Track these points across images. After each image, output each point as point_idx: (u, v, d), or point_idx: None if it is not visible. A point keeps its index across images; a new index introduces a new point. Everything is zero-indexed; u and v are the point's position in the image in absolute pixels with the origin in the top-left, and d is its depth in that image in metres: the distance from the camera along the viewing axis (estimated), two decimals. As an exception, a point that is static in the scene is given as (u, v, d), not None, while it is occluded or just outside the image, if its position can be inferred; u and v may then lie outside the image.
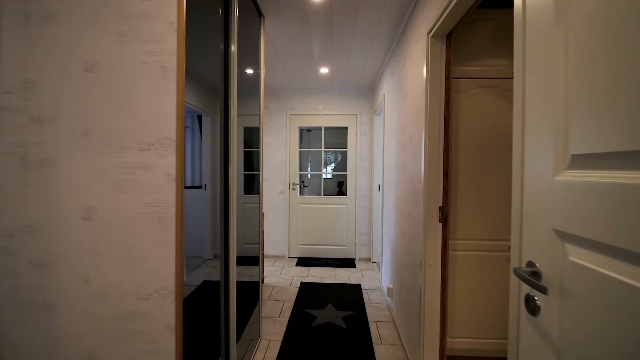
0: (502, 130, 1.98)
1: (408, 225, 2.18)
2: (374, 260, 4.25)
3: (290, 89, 4.38)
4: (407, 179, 2.24)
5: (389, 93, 3.08)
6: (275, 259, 4.39)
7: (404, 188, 2.32)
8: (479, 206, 1.99)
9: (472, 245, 2.00)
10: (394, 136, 2.77)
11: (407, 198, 2.23)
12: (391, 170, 2.90)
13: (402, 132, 2.40)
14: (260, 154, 2.40)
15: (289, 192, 4.42)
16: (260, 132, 2.39)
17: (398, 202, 2.53)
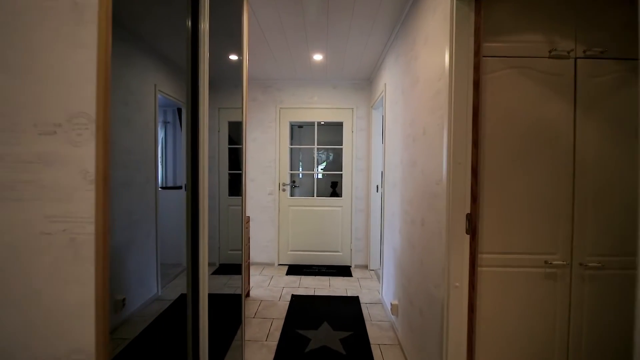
0: (538, 122, 1.64)
1: (421, 235, 1.82)
2: (372, 267, 3.89)
3: (281, 79, 3.98)
4: (419, 179, 1.88)
5: (391, 82, 2.72)
6: (263, 266, 3.99)
7: (415, 190, 1.96)
8: (508, 213, 1.64)
9: (500, 260, 1.65)
10: (399, 130, 2.41)
11: (419, 202, 1.87)
12: (395, 169, 2.54)
13: (412, 124, 2.04)
14: (243, 151, 2.01)
15: (278, 193, 4.03)
16: (243, 126, 1.99)
17: (406, 205, 2.17)
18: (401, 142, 2.34)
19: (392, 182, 2.64)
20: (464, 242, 1.42)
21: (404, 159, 2.25)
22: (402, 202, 2.28)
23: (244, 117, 1.98)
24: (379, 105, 3.68)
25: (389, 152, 2.83)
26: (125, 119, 1.09)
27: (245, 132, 1.97)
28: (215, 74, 1.98)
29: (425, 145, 1.77)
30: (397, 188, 2.44)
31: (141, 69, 1.23)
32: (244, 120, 1.97)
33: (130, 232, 1.13)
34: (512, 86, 1.65)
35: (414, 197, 1.96)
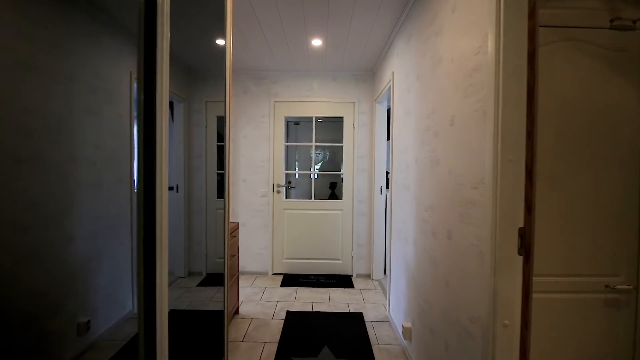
0: (595, 109, 1.29)
1: (447, 251, 1.46)
2: (375, 277, 3.54)
3: (275, 70, 3.61)
4: (444, 181, 1.52)
5: (402, 69, 2.37)
6: (255, 276, 3.62)
7: (438, 194, 1.60)
8: (564, 225, 1.29)
9: (549, 285, 1.30)
10: (412, 123, 2.06)
11: (444, 209, 1.52)
12: (407, 169, 2.19)
13: (433, 114, 1.69)
14: (226, 150, 1.65)
15: (272, 195, 3.66)
16: (226, 120, 1.63)
17: (423, 213, 1.81)
18: (416, 137, 1.99)
19: (403, 184, 2.29)
20: (515, 266, 1.07)
21: (420, 157, 1.90)
22: (417, 208, 1.93)
23: (227, 110, 1.63)
24: (384, 98, 3.33)
25: (397, 150, 2.48)
26: (92, 110, 0.92)
27: (228, 127, 1.61)
28: (202, 63, 1.61)
29: (455, 139, 1.41)
30: (410, 191, 2.09)
31: (112, 52, 1.03)
32: (227, 114, 1.61)
33: (99, 242, 0.94)
34: (564, 63, 1.30)
35: (437, 203, 1.61)
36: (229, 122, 1.60)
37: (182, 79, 1.41)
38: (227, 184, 1.62)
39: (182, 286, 1.74)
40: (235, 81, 3.66)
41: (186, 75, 1.49)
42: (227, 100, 1.61)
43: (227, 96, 1.61)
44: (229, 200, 1.47)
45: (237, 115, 3.66)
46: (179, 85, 1.40)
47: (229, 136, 1.62)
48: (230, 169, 3.41)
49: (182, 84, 1.43)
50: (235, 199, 3.67)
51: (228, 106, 1.61)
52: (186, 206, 1.65)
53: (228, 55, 1.64)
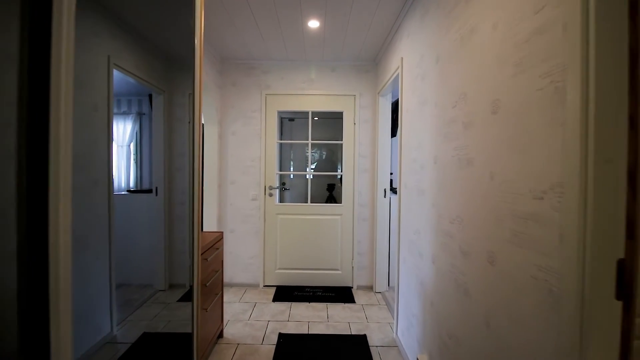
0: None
1: (489, 281, 1.11)
2: (378, 289, 3.19)
3: (267, 59, 3.24)
4: (482, 186, 1.17)
5: (413, 52, 2.02)
6: (245, 289, 3.25)
7: (470, 202, 1.26)
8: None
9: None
10: (428, 114, 1.71)
11: (481, 223, 1.17)
12: (421, 170, 1.84)
13: (462, 100, 1.34)
14: (195, 145, 1.28)
15: (264, 198, 3.29)
16: (195, 111, 1.26)
17: (447, 224, 1.46)
18: (435, 132, 1.64)
19: (416, 188, 1.94)
20: (612, 313, 0.72)
21: (441, 156, 1.55)
22: (437, 219, 1.58)
23: (197, 99, 1.26)
24: (388, 90, 2.98)
25: (408, 147, 2.13)
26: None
27: (198, 117, 1.25)
28: (185, 52, 1.32)
29: (500, 131, 1.06)
30: (426, 197, 1.74)
31: (83, 31, 0.83)
32: (197, 102, 1.25)
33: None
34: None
35: (469, 214, 1.26)
36: (200, 110, 1.24)
37: (159, 69, 1.23)
38: (199, 188, 1.25)
39: (160, 302, 1.37)
40: (223, 72, 3.28)
41: (165, 65, 1.30)
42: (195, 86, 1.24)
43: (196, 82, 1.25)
44: (201, 206, 1.11)
45: (224, 109, 3.29)
46: (156, 76, 1.21)
47: (197, 131, 1.25)
48: (219, 169, 3.03)
49: (160, 75, 1.23)
50: (222, 202, 3.29)
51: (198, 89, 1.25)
52: (167, 211, 1.31)
53: (198, 28, 1.28)
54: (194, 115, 1.21)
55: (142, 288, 1.32)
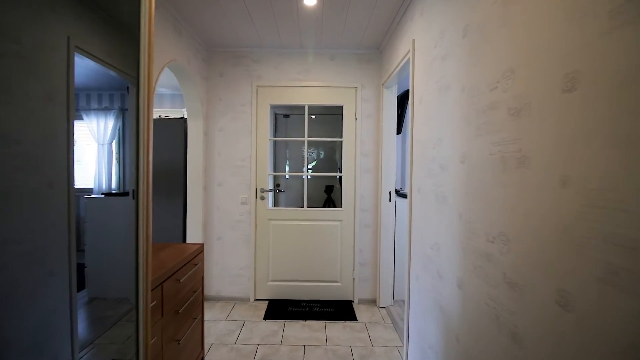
0: None
1: (557, 330, 0.78)
2: (383, 303, 2.86)
3: (258, 46, 2.90)
4: (543, 195, 0.84)
5: (430, 30, 1.68)
6: (233, 304, 2.90)
7: (521, 217, 0.92)
8: None
9: None
10: (455, 102, 1.38)
11: (540, 247, 0.83)
12: (441, 171, 1.51)
13: (510, 77, 1.00)
14: (143, 140, 0.93)
15: (255, 202, 2.95)
16: (141, 84, 0.92)
17: (485, 243, 1.13)
18: (461, 123, 1.30)
19: (433, 193, 1.61)
20: None
21: (471, 153, 1.22)
22: (467, 233, 1.24)
23: (145, 79, 0.92)
24: (394, 82, 2.65)
25: (422, 144, 1.80)
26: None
27: (147, 112, 0.90)
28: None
29: (579, 117, 0.73)
30: (449, 205, 1.40)
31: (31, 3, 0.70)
32: (144, 63, 0.90)
33: (10, 274, 0.65)
34: None
35: (521, 232, 0.93)
36: (149, 70, 0.89)
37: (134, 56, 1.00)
38: (146, 188, 0.90)
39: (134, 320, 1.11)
40: (209, 61, 2.93)
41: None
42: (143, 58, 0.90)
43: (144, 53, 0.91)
44: (146, 213, 0.76)
45: (211, 103, 2.94)
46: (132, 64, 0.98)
47: (146, 125, 0.90)
48: (205, 169, 2.68)
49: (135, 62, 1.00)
50: (208, 207, 2.95)
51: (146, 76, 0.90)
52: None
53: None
54: (140, 78, 0.86)
55: (118, 303, 1.17)
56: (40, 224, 0.73)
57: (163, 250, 1.81)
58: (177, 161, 2.98)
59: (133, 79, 0.84)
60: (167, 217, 2.97)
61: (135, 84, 0.85)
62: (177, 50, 2.36)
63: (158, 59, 2.08)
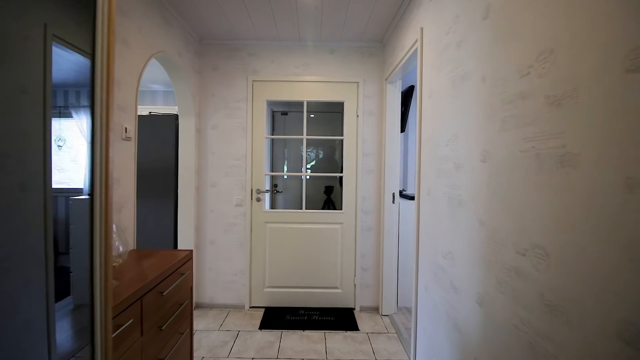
0: None
1: (622, 371, 0.62)
2: (385, 311, 2.70)
3: (254, 39, 2.73)
4: (596, 202, 0.68)
5: (442, 16, 1.52)
6: (228, 312, 2.74)
7: (565, 227, 0.76)
8: None
9: None
10: (473, 93, 1.22)
11: (599, 266, 0.67)
12: (456, 171, 1.35)
13: (548, 61, 0.84)
14: (99, 128, 0.75)
15: (250, 204, 2.79)
16: (100, 76, 0.74)
17: (514, 256, 0.97)
18: (481, 117, 1.14)
19: (446, 195, 1.45)
20: None
21: (495, 150, 1.06)
22: (489, 242, 1.08)
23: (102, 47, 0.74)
24: (398, 76, 2.49)
25: (432, 142, 1.64)
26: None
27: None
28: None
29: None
30: (467, 209, 1.24)
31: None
32: (101, 52, 0.72)
33: None
34: None
35: (564, 246, 0.77)
36: (108, 61, 0.72)
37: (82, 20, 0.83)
38: (105, 182, 0.73)
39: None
40: (201, 54, 2.77)
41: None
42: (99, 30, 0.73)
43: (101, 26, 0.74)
44: (108, 216, 0.59)
45: (204, 98, 2.77)
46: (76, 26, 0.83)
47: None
48: (197, 169, 2.51)
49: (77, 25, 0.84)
50: (201, 209, 2.78)
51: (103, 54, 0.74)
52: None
53: None
54: (96, 50, 0.68)
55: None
56: (10, 229, 0.65)
57: (147, 258, 1.65)
58: (167, 160, 2.81)
59: (88, 55, 0.67)
60: (157, 219, 2.80)
61: (90, 58, 0.68)
62: (166, 41, 2.19)
63: (144, 49, 1.92)
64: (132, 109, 1.79)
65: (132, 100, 1.80)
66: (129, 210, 1.79)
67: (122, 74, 1.70)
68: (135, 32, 1.83)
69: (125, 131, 1.71)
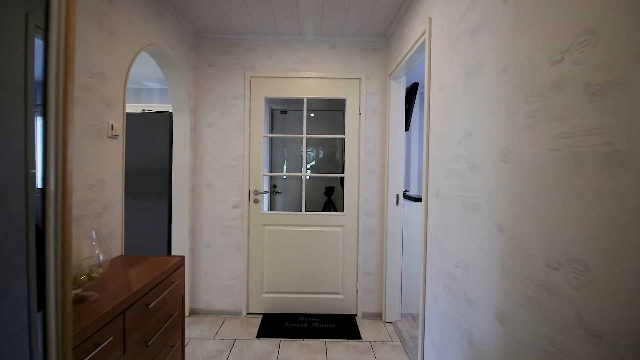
0: None
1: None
2: (389, 318, 2.58)
3: (251, 33, 2.62)
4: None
5: (454, 2, 1.40)
6: (224, 318, 2.62)
7: (612, 236, 0.64)
8: None
9: None
10: (485, 86, 1.11)
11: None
12: (470, 172, 1.23)
13: (589, 43, 0.72)
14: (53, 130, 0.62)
15: (248, 205, 2.67)
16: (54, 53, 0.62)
17: (539, 269, 0.85)
18: (501, 111, 1.03)
19: (460, 198, 1.33)
20: None
21: (518, 149, 0.94)
22: (511, 251, 0.97)
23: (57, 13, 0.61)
24: (403, 72, 2.38)
25: (442, 140, 1.52)
26: None
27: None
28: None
29: None
30: (483, 214, 1.12)
31: None
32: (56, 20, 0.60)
33: None
34: None
35: (616, 260, 0.65)
36: (66, 32, 0.60)
37: None
38: (62, 179, 0.61)
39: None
40: (197, 49, 2.65)
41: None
42: None
43: None
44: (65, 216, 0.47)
45: (199, 95, 2.65)
46: None
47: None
48: (192, 169, 2.39)
49: None
50: (196, 210, 2.66)
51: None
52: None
53: None
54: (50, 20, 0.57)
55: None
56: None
57: (135, 265, 1.53)
58: (162, 160, 2.69)
59: (40, 30, 0.56)
60: (150, 221, 2.68)
61: (43, 34, 0.56)
62: (158, 35, 2.07)
63: (133, 41, 1.80)
64: (119, 105, 1.67)
65: (120, 96, 1.68)
66: (116, 213, 1.68)
67: (108, 67, 1.58)
68: (125, 23, 1.71)
69: (111, 128, 1.59)
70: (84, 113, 1.42)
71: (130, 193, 2.65)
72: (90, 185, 1.48)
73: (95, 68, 1.50)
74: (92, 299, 1.14)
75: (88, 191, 1.46)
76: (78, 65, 1.38)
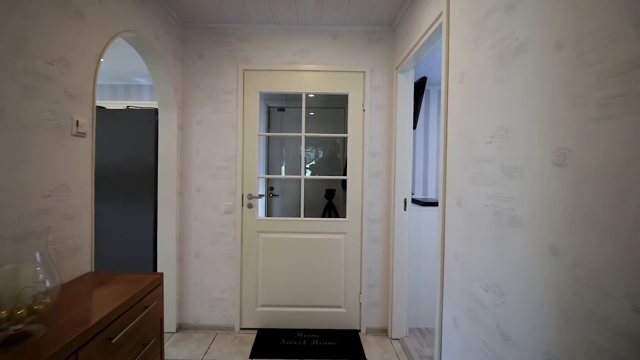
0: None
1: None
2: (395, 334, 2.36)
3: (245, 22, 2.38)
4: None
5: (481, -25, 1.18)
6: (214, 335, 2.39)
7: None
8: None
9: None
10: (522, 73, 0.88)
11: None
12: (505, 178, 1.01)
13: None
14: None
15: (241, 211, 2.44)
16: None
17: (618, 311, 0.62)
18: (552, 103, 0.80)
19: (489, 208, 1.10)
20: None
21: (584, 151, 0.71)
22: (569, 282, 0.74)
23: None
24: (411, 64, 2.15)
25: (464, 138, 1.29)
26: None
27: None
28: None
29: None
30: (526, 231, 0.90)
31: None
32: None
33: None
34: None
35: None
36: None
37: None
38: None
39: None
40: (185, 40, 2.42)
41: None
42: None
43: None
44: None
45: (187, 90, 2.42)
46: None
47: None
48: (180, 171, 2.16)
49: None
50: (184, 216, 2.43)
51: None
52: None
53: None
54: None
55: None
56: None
57: (103, 285, 1.30)
58: (146, 161, 2.45)
59: None
60: (134, 228, 2.44)
61: None
62: (138, 20, 1.84)
63: (106, 25, 1.57)
64: (87, 98, 1.44)
65: (88, 87, 1.45)
66: (84, 224, 1.44)
67: (72, 53, 1.35)
68: (95, 4, 1.48)
69: (76, 125, 1.36)
70: (39, 105, 1.19)
71: (111, 198, 2.42)
72: (48, 191, 1.25)
73: (56, 53, 1.26)
74: (38, 336, 0.91)
75: (45, 199, 1.23)
76: (31, 48, 1.15)
